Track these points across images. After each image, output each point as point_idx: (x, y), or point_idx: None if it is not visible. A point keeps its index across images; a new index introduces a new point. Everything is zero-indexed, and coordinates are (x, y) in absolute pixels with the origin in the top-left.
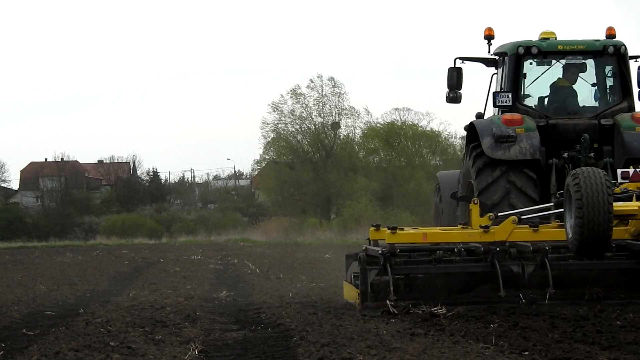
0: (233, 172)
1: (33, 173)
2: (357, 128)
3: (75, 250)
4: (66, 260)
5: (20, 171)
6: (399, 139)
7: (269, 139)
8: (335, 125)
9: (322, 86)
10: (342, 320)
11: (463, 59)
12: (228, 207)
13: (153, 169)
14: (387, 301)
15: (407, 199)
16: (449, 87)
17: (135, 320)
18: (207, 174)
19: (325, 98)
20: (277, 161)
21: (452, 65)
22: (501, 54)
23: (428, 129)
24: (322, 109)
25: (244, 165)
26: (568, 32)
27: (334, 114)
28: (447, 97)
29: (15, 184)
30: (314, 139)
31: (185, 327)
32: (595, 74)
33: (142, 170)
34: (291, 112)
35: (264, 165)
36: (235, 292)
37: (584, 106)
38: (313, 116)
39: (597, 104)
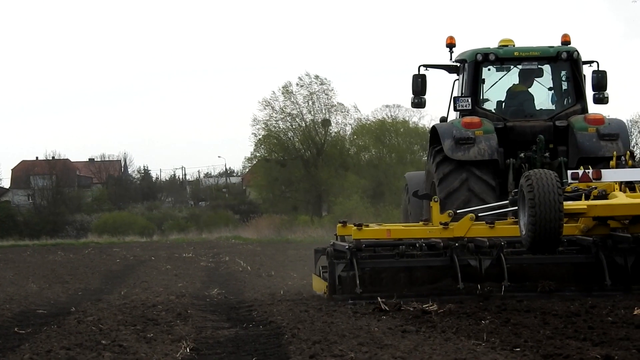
0: (224, 169)
1: (24, 171)
2: (348, 125)
3: (67, 248)
4: (58, 259)
5: (12, 169)
6: (390, 136)
7: (260, 137)
8: (326, 122)
9: (311, 83)
10: (334, 317)
11: (427, 66)
12: (219, 205)
13: (144, 167)
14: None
15: (398, 195)
16: (413, 93)
17: (127, 318)
18: (198, 171)
19: (315, 95)
20: (268, 158)
21: (417, 73)
22: (461, 61)
23: (419, 125)
24: (312, 106)
25: (235, 163)
26: (536, 37)
27: (324, 111)
28: (412, 103)
29: (6, 183)
30: (304, 136)
31: (176, 325)
32: (552, 79)
33: (133, 168)
34: (282, 109)
35: (255, 162)
36: (226, 289)
37: (540, 109)
38: (303, 113)
39: (552, 107)
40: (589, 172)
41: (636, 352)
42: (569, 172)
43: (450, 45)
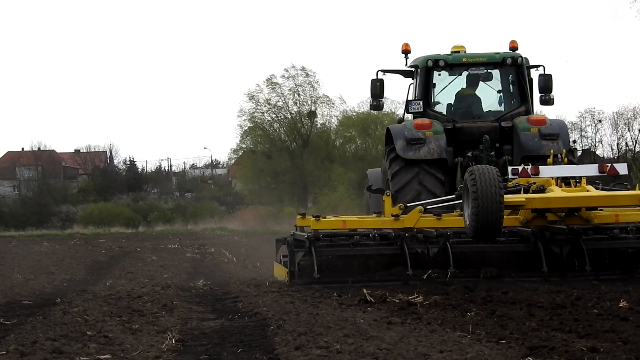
0: (210, 161)
1: (10, 162)
2: (333, 117)
3: (53, 239)
4: (43, 250)
5: None
6: (376, 128)
7: (246, 128)
8: (312, 114)
9: (296, 75)
10: (319, 309)
11: (384, 71)
12: (205, 196)
13: (130, 158)
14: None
15: None
16: (372, 96)
17: (112, 309)
18: (184, 162)
19: (300, 87)
20: (254, 150)
21: (375, 77)
22: (414, 66)
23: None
24: (298, 98)
25: (221, 154)
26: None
27: (309, 103)
28: (370, 105)
29: None
30: (290, 128)
31: (162, 316)
32: (500, 82)
33: (119, 159)
34: (267, 101)
35: (240, 154)
36: (212, 281)
37: (488, 111)
38: (289, 105)
39: (499, 109)
40: (527, 169)
41: (621, 344)
42: (510, 168)
43: (406, 51)
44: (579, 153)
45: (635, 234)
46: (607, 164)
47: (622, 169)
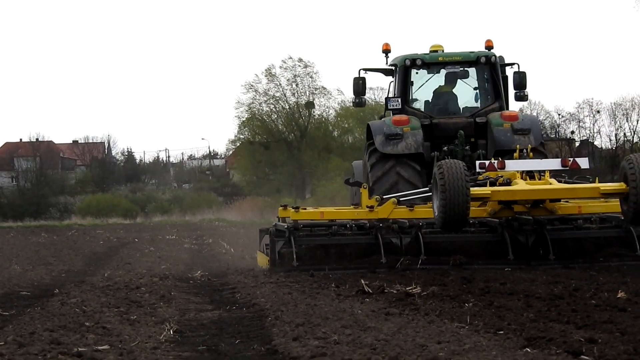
0: (208, 151)
1: (8, 153)
2: (331, 108)
3: (50, 230)
4: (41, 241)
5: None
6: (373, 119)
7: (244, 119)
8: (310, 105)
9: (294, 66)
10: (317, 300)
11: (366, 69)
12: (203, 187)
13: (128, 149)
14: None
15: None
16: (354, 93)
17: (110, 300)
18: (182, 153)
19: (299, 78)
20: (251, 141)
21: (357, 75)
22: (394, 65)
23: None
24: (296, 89)
25: (219, 145)
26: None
27: (307, 94)
28: (353, 102)
29: None
30: (288, 119)
31: (160, 307)
32: (476, 80)
33: (117, 150)
34: (265, 92)
35: (238, 145)
36: (210, 272)
37: (464, 107)
38: (287, 96)
39: (474, 105)
40: (494, 163)
41: (619, 334)
42: (477, 162)
43: (386, 51)
44: (577, 144)
45: (598, 224)
46: (570, 159)
47: (583, 163)
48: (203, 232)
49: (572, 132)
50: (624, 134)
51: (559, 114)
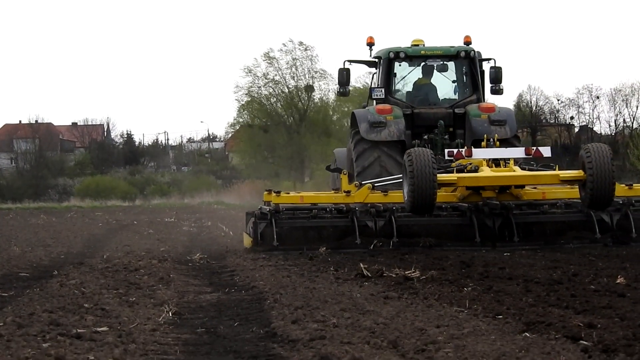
0: (207, 134)
1: (7, 135)
2: (331, 92)
3: (49, 212)
4: (40, 222)
5: None
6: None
7: (243, 102)
8: (309, 89)
9: (294, 50)
10: (316, 283)
11: (351, 61)
12: (202, 170)
13: (127, 131)
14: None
15: None
16: (339, 84)
17: (109, 282)
18: (181, 136)
19: (298, 62)
20: (251, 124)
21: (342, 67)
22: (377, 57)
23: None
24: (296, 72)
25: (218, 128)
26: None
27: (306, 77)
28: (337, 92)
29: None
30: (287, 102)
31: (159, 289)
32: (455, 73)
33: (116, 132)
34: (265, 75)
35: (237, 128)
36: (208, 254)
37: (443, 98)
38: (286, 79)
39: (453, 97)
40: (462, 151)
41: (618, 320)
42: (446, 150)
43: (370, 44)
44: (576, 129)
45: (563, 209)
46: (533, 147)
47: (545, 151)
48: (202, 215)
49: (572, 118)
50: (624, 119)
51: (559, 100)
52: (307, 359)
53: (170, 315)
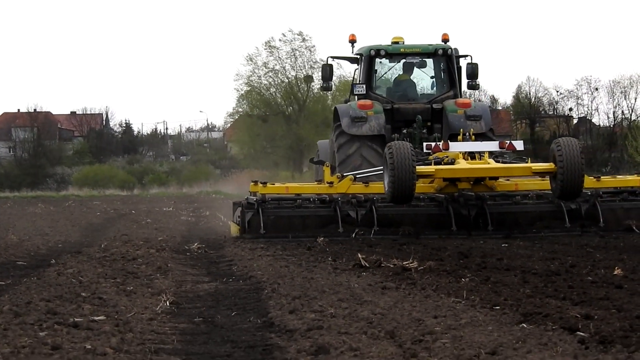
0: (206, 124)
1: (5, 123)
2: (330, 82)
3: (47, 201)
4: (38, 211)
5: None
6: None
7: (242, 92)
8: (308, 79)
9: (293, 40)
10: (314, 273)
11: (334, 57)
12: (200, 160)
13: (126, 120)
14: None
15: None
16: (322, 79)
17: (107, 271)
18: (180, 126)
19: (298, 52)
20: (250, 114)
21: (325, 62)
22: (359, 54)
23: None
24: (295, 62)
25: (217, 118)
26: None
27: (306, 67)
28: (321, 87)
29: None
30: (286, 92)
31: (156, 278)
32: (433, 70)
33: (115, 121)
34: (265, 64)
35: (237, 117)
36: (206, 244)
37: (422, 94)
38: (286, 69)
39: (431, 93)
40: (439, 144)
41: (615, 311)
42: (425, 144)
43: (352, 41)
44: (575, 121)
45: (534, 200)
46: (507, 141)
47: (519, 145)
48: (200, 205)
49: (570, 109)
50: (622, 111)
51: (558, 91)
52: (305, 349)
53: (168, 304)
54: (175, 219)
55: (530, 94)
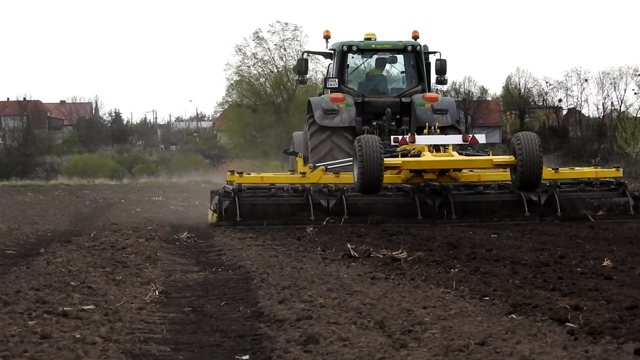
0: (195, 113)
1: None
2: (319, 72)
3: (37, 190)
4: (27, 200)
5: None
6: None
7: (232, 82)
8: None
9: (282, 30)
10: (303, 263)
11: (309, 52)
12: (190, 149)
13: (115, 109)
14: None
15: None
16: (298, 73)
17: (96, 260)
18: (169, 115)
19: (287, 42)
20: (239, 104)
21: (301, 57)
22: (332, 49)
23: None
24: (284, 52)
25: (207, 107)
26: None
27: (295, 58)
28: (297, 81)
29: None
30: (276, 82)
31: (146, 268)
32: (403, 65)
33: (104, 110)
34: (254, 55)
35: (226, 107)
36: (196, 233)
37: (392, 88)
38: (275, 60)
39: (401, 87)
40: (406, 137)
41: (605, 302)
42: (392, 137)
43: (327, 37)
44: (564, 112)
45: (496, 190)
46: (470, 135)
47: (481, 138)
48: (190, 194)
49: (560, 101)
50: (612, 103)
51: (547, 82)
52: (294, 338)
53: (157, 294)
54: (164, 208)
55: (520, 84)
